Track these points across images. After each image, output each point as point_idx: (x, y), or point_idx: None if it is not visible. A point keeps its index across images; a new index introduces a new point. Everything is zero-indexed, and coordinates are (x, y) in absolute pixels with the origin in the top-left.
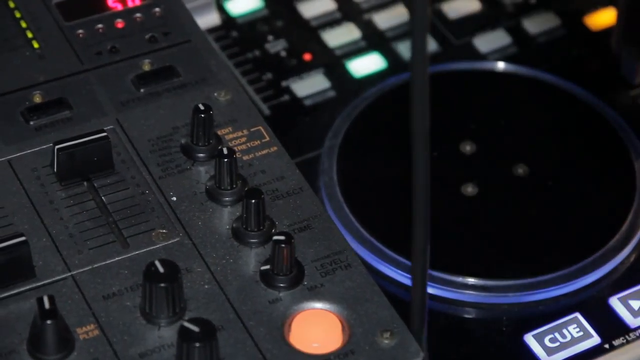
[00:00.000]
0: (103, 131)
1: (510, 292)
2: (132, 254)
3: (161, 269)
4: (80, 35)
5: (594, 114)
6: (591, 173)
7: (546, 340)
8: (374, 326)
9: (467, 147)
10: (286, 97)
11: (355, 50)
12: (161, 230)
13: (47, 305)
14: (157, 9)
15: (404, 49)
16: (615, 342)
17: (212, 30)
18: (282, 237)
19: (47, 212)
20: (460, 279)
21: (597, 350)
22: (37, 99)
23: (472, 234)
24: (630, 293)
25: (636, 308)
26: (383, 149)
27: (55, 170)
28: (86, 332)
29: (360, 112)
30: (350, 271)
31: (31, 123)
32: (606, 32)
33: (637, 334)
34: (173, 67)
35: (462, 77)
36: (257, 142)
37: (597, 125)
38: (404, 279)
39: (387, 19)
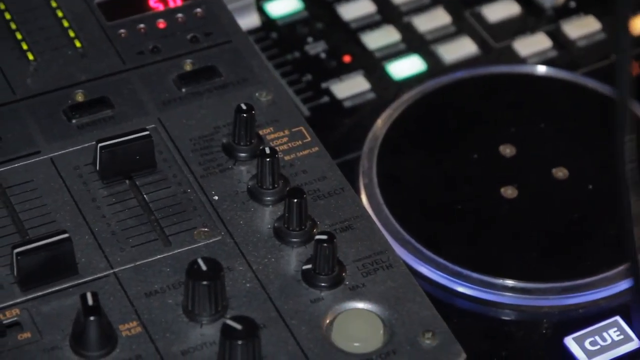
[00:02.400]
0: (145, 130)
1: (551, 294)
2: (174, 252)
3: (204, 267)
4: (122, 35)
5: (633, 118)
6: None
7: (586, 343)
8: (415, 326)
9: (507, 150)
10: (326, 99)
11: (395, 53)
12: (203, 229)
13: (90, 301)
14: (198, 10)
15: (443, 51)
16: None
17: (252, 31)
18: (324, 237)
19: (90, 210)
20: (500, 281)
21: (638, 353)
22: (80, 97)
23: (513, 236)
24: None
25: None
26: (422, 150)
27: (97, 168)
28: (128, 329)
29: (400, 114)
30: (392, 271)
31: (73, 121)
32: None
33: None
34: (214, 67)
35: (501, 80)
36: (298, 143)
37: (636, 128)
38: (444, 279)
39: (427, 21)
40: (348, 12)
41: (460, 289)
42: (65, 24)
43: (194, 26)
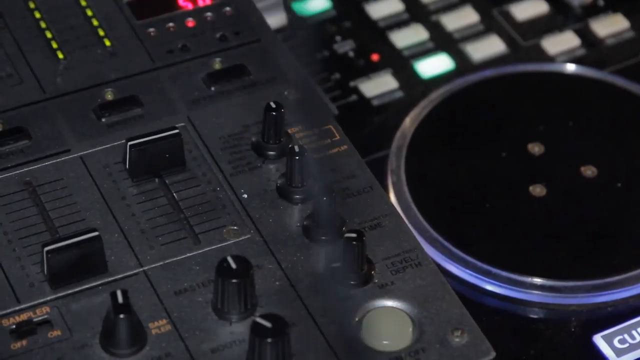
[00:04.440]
0: (175, 128)
1: (580, 292)
2: (204, 250)
3: (233, 265)
4: (152, 33)
5: None
6: None
7: (615, 342)
8: (444, 324)
9: (536, 149)
10: (354, 97)
11: (423, 51)
12: (232, 227)
13: (120, 299)
14: (227, 9)
15: (471, 50)
16: None
17: (280, 30)
18: (354, 235)
19: (119, 208)
20: (529, 280)
21: None
22: (109, 96)
23: (541, 234)
24: None
25: None
26: (450, 149)
27: (127, 166)
28: (158, 327)
29: (428, 113)
30: (421, 269)
31: (103, 120)
32: None
33: None
34: (244, 65)
35: (530, 79)
36: (327, 141)
37: None
38: (472, 278)
39: (455, 20)
40: (376, 11)
41: (489, 287)
42: (95, 22)
43: (223, 25)
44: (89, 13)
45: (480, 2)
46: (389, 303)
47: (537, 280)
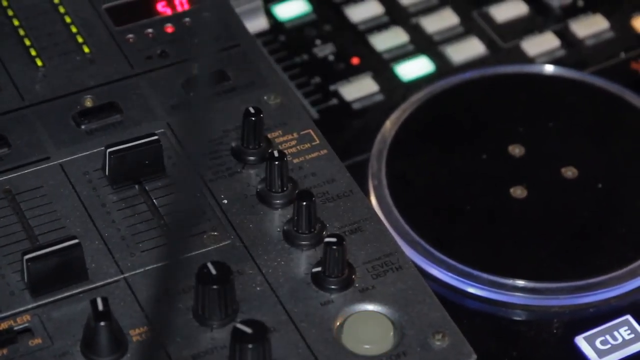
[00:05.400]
0: (154, 134)
1: (561, 294)
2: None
3: (213, 271)
4: (130, 39)
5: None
6: None
7: (597, 343)
8: (425, 328)
9: (516, 150)
10: (334, 101)
11: (403, 54)
12: (212, 233)
13: (100, 306)
14: (206, 14)
15: (451, 52)
16: None
17: (260, 34)
18: (334, 239)
19: (99, 215)
20: (510, 281)
21: None
22: (88, 103)
23: (522, 236)
24: None
25: None
26: (431, 151)
27: (107, 173)
28: (139, 334)
29: (408, 116)
30: (402, 273)
31: (82, 127)
32: None
33: None
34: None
35: (510, 80)
36: (307, 145)
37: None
38: (454, 280)
39: (435, 22)
40: (356, 14)
41: (470, 290)
42: (74, 29)
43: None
44: (68, 20)
45: (459, 4)
46: (370, 307)
47: (519, 282)
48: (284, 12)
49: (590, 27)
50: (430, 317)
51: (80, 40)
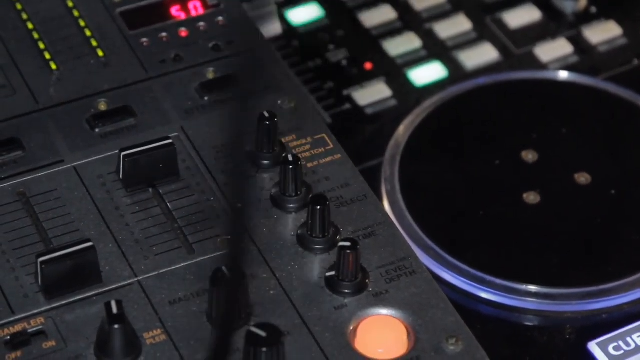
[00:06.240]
0: (168, 138)
1: (574, 300)
2: (198, 259)
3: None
4: (144, 43)
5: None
6: None
7: (610, 349)
8: (439, 332)
9: (530, 156)
10: (347, 106)
11: (416, 59)
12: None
13: (115, 309)
14: (220, 18)
15: (464, 57)
16: None
17: (273, 39)
18: (348, 244)
19: (113, 218)
20: (523, 287)
21: None
22: (102, 106)
23: (535, 242)
24: None
25: None
26: (444, 156)
27: (121, 177)
28: (153, 337)
29: (421, 121)
30: (415, 277)
31: (96, 130)
32: None
33: None
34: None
35: (523, 86)
36: (321, 150)
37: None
38: (466, 285)
39: (448, 28)
40: (369, 19)
41: (484, 295)
42: (88, 33)
43: (216, 34)
44: (82, 23)
45: (473, 10)
46: (384, 311)
47: (532, 288)
48: (298, 17)
49: (603, 33)
50: (443, 322)
51: (94, 44)
